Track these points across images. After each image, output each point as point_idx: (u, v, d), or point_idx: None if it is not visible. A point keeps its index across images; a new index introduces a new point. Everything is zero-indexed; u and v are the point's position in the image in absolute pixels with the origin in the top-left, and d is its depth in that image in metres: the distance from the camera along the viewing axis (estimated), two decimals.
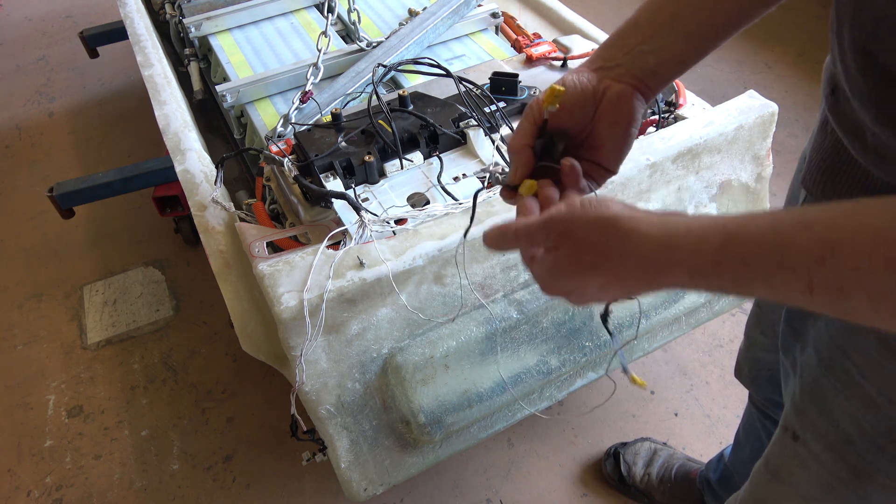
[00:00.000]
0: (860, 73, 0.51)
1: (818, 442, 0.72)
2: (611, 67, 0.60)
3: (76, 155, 2.52)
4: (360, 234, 0.99)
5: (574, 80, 0.60)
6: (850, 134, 0.57)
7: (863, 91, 0.51)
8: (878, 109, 0.51)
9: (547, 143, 0.61)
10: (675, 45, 0.59)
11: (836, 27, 0.55)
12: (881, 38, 0.47)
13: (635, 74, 0.59)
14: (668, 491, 1.40)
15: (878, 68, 0.48)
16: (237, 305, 1.05)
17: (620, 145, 0.61)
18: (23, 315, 1.95)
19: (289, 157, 1.12)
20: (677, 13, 0.59)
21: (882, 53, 0.47)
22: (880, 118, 0.51)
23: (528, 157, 0.61)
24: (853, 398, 0.66)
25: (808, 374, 0.72)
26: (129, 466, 1.58)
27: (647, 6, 0.61)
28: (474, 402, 1.09)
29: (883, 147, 0.53)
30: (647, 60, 0.59)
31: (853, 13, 0.50)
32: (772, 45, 2.76)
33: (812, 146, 0.68)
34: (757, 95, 1.20)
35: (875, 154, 0.54)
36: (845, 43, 0.52)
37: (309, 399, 1.00)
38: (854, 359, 0.65)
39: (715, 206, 1.23)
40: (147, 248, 2.12)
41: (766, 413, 1.08)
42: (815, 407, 0.71)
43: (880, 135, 0.52)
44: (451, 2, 1.55)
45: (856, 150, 0.57)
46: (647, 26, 0.60)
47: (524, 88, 1.24)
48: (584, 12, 1.67)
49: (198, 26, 1.67)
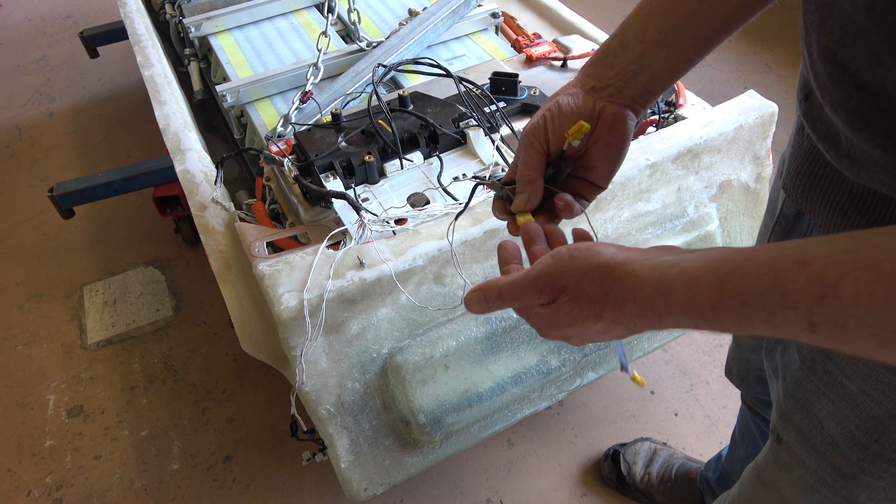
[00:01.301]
0: (830, 80, 0.50)
1: (801, 445, 0.71)
2: (603, 88, 0.60)
3: (76, 155, 2.52)
4: (360, 234, 0.99)
5: (570, 102, 0.60)
6: (824, 139, 0.57)
7: (834, 97, 0.51)
8: (850, 115, 0.50)
9: (556, 171, 0.62)
10: (665, 62, 0.59)
11: (804, 35, 0.55)
12: (848, 47, 0.46)
13: (628, 94, 0.60)
14: (668, 491, 1.40)
15: (848, 75, 0.48)
16: (237, 305, 1.05)
17: (614, 164, 0.62)
18: (23, 315, 1.95)
19: (289, 157, 1.12)
20: (664, 30, 0.59)
21: (851, 61, 0.47)
22: (852, 123, 0.50)
23: (541, 187, 0.61)
24: (837, 399, 0.65)
25: (791, 376, 0.72)
26: (129, 466, 1.58)
27: (633, 23, 0.61)
28: (474, 402, 1.09)
29: (856, 151, 0.52)
30: (638, 80, 0.59)
31: (820, 21, 0.49)
32: (772, 45, 2.76)
33: (791, 150, 0.68)
34: (757, 95, 1.20)
35: (849, 158, 0.54)
36: (814, 51, 0.52)
37: (309, 399, 1.00)
38: (836, 358, 0.64)
39: (715, 206, 1.23)
40: (147, 248, 2.12)
41: (757, 412, 1.08)
42: (799, 409, 0.71)
43: (853, 139, 0.51)
44: (451, 2, 1.55)
45: (831, 155, 0.57)
46: (636, 45, 0.60)
47: (524, 88, 1.24)
48: (584, 12, 1.67)
49: (198, 26, 1.67)
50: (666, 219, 1.19)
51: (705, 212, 1.22)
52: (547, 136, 0.61)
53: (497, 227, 1.03)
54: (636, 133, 1.24)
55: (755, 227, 1.28)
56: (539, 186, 0.61)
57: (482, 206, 1.05)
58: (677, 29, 0.58)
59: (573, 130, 0.58)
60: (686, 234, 1.21)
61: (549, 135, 0.61)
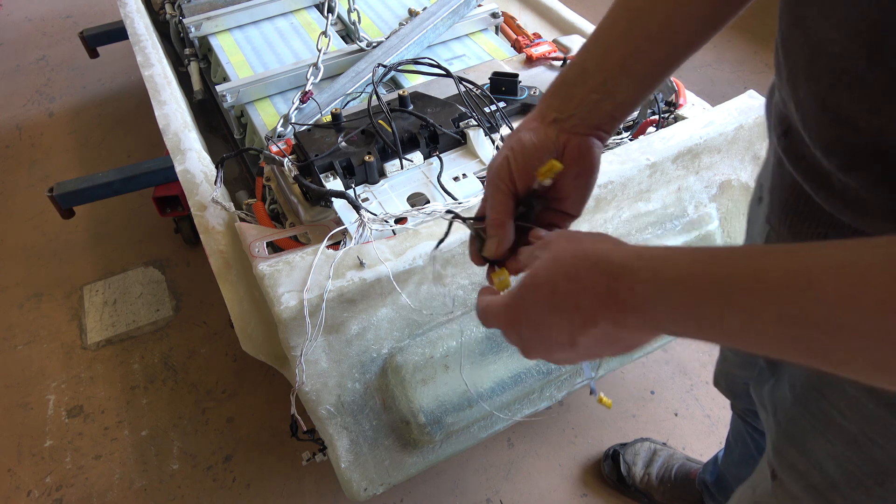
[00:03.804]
0: (820, 124, 0.48)
1: (797, 483, 0.69)
2: (565, 119, 0.58)
3: (76, 155, 2.52)
4: (359, 233, 0.99)
5: (532, 138, 0.58)
6: (811, 180, 0.54)
7: (826, 140, 0.49)
8: (845, 158, 0.48)
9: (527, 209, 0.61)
10: (628, 89, 0.57)
11: (786, 73, 0.52)
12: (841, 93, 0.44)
13: (592, 124, 0.57)
14: (667, 491, 1.40)
15: (841, 121, 0.45)
16: (237, 305, 1.05)
17: (584, 193, 0.60)
18: (23, 315, 1.95)
19: (289, 157, 1.12)
20: (626, 56, 0.56)
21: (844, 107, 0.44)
22: (843, 166, 0.48)
23: (511, 229, 0.59)
24: (836, 440, 0.62)
25: (783, 413, 0.69)
26: (129, 466, 1.58)
27: (592, 50, 0.58)
28: (474, 402, 1.09)
29: (850, 193, 0.50)
30: (602, 108, 0.57)
31: (807, 63, 0.47)
32: (772, 45, 2.76)
33: (772, 183, 0.65)
34: (757, 95, 1.20)
35: (842, 201, 0.51)
36: (801, 92, 0.49)
37: (309, 399, 1.00)
38: (830, 398, 0.61)
39: (715, 206, 1.23)
40: (147, 248, 2.12)
41: (747, 421, 1.07)
42: (794, 447, 0.68)
43: (848, 182, 0.49)
44: (451, 2, 1.55)
45: (820, 196, 0.54)
46: (597, 73, 0.57)
47: (524, 88, 1.24)
48: (584, 12, 1.67)
49: (198, 26, 1.67)
50: (666, 219, 1.19)
51: (705, 212, 1.22)
52: (512, 176, 0.58)
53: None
54: (636, 133, 1.24)
55: None
56: (509, 229, 0.59)
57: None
58: (639, 54, 0.56)
59: (544, 170, 0.56)
60: (686, 234, 1.21)
61: (515, 174, 0.58)
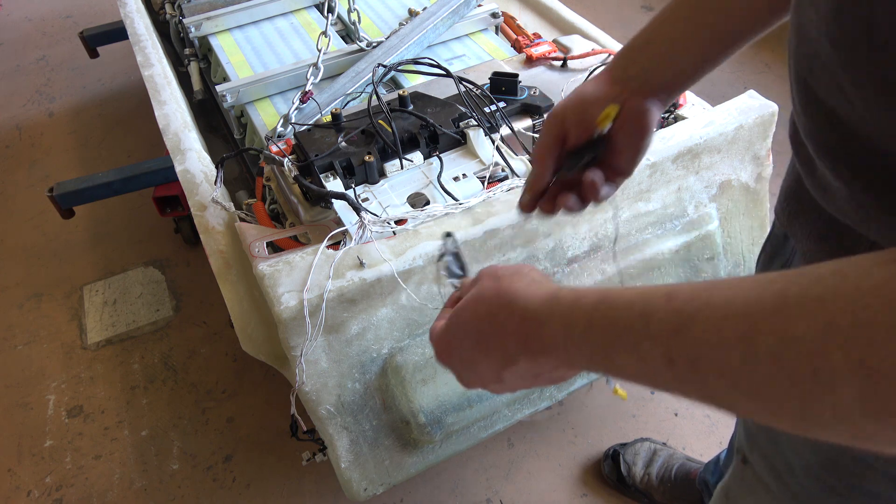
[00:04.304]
0: (801, 105, 0.51)
1: (764, 467, 0.72)
2: (626, 80, 0.63)
3: (76, 155, 2.52)
4: (360, 234, 0.99)
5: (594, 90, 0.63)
6: (803, 165, 0.57)
7: (805, 124, 0.51)
8: (817, 142, 0.50)
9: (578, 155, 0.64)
10: (688, 61, 0.62)
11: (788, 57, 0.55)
12: (815, 73, 0.47)
13: (652, 88, 0.62)
14: (667, 491, 1.40)
15: (816, 102, 0.48)
16: (237, 305, 1.05)
17: (637, 151, 0.64)
18: (23, 315, 1.95)
19: (289, 157, 1.12)
20: (689, 30, 0.61)
21: (817, 88, 0.47)
22: (819, 151, 0.50)
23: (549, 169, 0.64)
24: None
25: None
26: (129, 466, 1.58)
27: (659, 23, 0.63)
28: (474, 402, 1.09)
29: (826, 180, 0.52)
30: (663, 74, 0.62)
31: (794, 47, 0.50)
32: (772, 45, 2.76)
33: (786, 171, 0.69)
34: (757, 95, 1.20)
35: (821, 187, 0.54)
36: (791, 75, 0.52)
37: (309, 399, 1.00)
38: None
39: (715, 207, 1.23)
40: (147, 248, 2.12)
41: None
42: (763, 432, 0.71)
43: (822, 168, 0.51)
44: (451, 2, 1.55)
45: (808, 182, 0.57)
46: (661, 43, 0.63)
47: (524, 88, 1.24)
48: (584, 12, 1.67)
49: (198, 26, 1.67)
50: (666, 219, 1.19)
51: (705, 212, 1.22)
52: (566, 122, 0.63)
53: (497, 228, 1.03)
54: None
55: (755, 227, 1.28)
56: (548, 166, 0.64)
57: (482, 206, 1.05)
58: (703, 28, 0.60)
59: (602, 117, 0.60)
60: (686, 234, 1.21)
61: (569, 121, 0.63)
